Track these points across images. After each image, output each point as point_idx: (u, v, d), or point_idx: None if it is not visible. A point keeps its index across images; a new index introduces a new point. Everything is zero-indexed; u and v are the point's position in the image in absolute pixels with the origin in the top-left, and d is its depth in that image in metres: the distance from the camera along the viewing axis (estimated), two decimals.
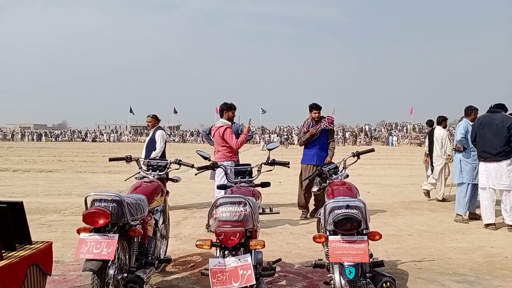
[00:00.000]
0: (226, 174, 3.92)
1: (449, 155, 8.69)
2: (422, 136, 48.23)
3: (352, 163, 4.15)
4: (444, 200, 8.72)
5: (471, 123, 6.77)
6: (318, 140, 7.00)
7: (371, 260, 3.15)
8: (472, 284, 3.87)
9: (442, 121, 9.38)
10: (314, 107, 7.01)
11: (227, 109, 6.42)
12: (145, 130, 66.34)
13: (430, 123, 11.88)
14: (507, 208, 6.07)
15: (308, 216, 6.92)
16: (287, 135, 51.54)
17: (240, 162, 7.46)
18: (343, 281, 2.90)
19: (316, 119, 6.99)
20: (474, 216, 6.83)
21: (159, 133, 7.88)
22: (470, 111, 7.06)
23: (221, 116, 6.49)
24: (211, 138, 8.07)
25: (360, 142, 50.90)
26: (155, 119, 8.06)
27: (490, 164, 6.13)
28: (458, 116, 8.35)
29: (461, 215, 6.75)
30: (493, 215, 6.19)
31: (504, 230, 6.07)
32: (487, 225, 6.20)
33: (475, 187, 6.71)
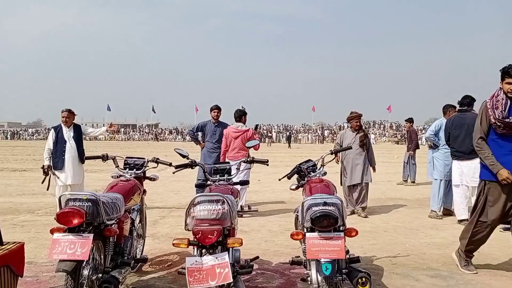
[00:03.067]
0: (204, 172, 3.90)
1: None
2: (399, 133, 49.16)
3: (330, 161, 4.19)
4: None
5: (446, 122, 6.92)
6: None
7: (347, 256, 3.18)
8: (445, 278, 3.96)
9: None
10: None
11: (244, 115, 7.48)
12: (123, 128, 65.54)
13: (409, 120, 12.14)
14: None
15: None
16: (267, 133, 51.66)
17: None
18: (319, 278, 2.92)
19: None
20: (448, 212, 6.99)
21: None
22: (446, 110, 7.21)
23: (239, 121, 7.43)
24: (197, 137, 8.06)
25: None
26: (72, 114, 6.71)
27: (463, 162, 6.29)
28: (436, 115, 8.45)
29: (435, 211, 6.90)
30: (466, 211, 6.34)
31: None
32: (460, 221, 6.36)
33: (448, 183, 6.86)
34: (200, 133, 8.11)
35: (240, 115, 7.45)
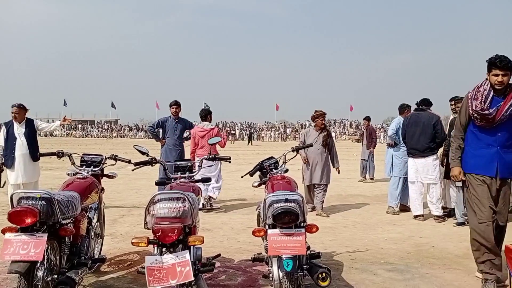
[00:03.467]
0: (165, 170, 3.83)
1: None
2: (359, 132, 50.34)
3: (292, 158, 4.23)
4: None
5: (403, 120, 7.15)
6: None
7: (308, 252, 3.23)
8: (401, 272, 4.09)
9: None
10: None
11: (209, 114, 7.66)
12: (80, 124, 63.49)
13: (367, 118, 12.53)
14: (433, 200, 6.50)
15: None
16: (230, 130, 51.57)
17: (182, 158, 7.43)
18: (281, 274, 2.94)
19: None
20: (405, 208, 7.23)
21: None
22: (403, 109, 7.47)
23: (205, 120, 7.60)
24: (158, 133, 7.92)
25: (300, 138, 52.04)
26: (23, 109, 6.35)
27: (418, 160, 6.52)
28: (394, 114, 8.61)
29: (393, 207, 7.13)
30: (421, 207, 6.60)
31: (431, 221, 6.49)
32: (415, 216, 6.60)
33: (405, 180, 7.10)
34: (160, 130, 7.98)
35: (206, 114, 7.60)
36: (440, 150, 6.78)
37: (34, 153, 6.23)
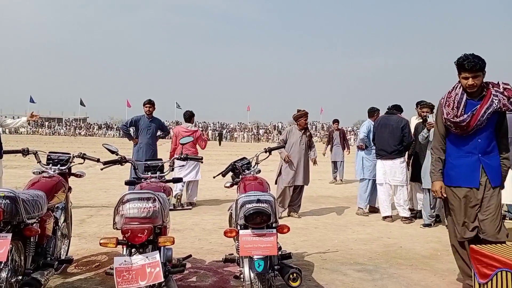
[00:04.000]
0: (135, 169, 3.77)
1: None
2: (325, 133, 51.18)
3: (264, 159, 4.24)
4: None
5: (373, 123, 7.31)
6: None
7: (279, 252, 3.24)
8: (370, 272, 4.17)
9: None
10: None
11: (193, 116, 7.98)
12: (47, 122, 61.69)
13: (336, 121, 12.86)
14: (401, 202, 6.66)
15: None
16: (204, 130, 51.32)
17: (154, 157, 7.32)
18: (252, 274, 2.94)
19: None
20: (373, 209, 7.38)
21: None
22: (372, 112, 7.63)
23: (189, 121, 7.89)
24: (130, 132, 7.75)
25: (273, 139, 52.38)
26: None
27: (386, 162, 6.67)
28: (363, 117, 8.75)
29: (362, 208, 7.25)
30: (390, 208, 6.75)
31: (399, 222, 6.64)
32: (384, 218, 6.74)
33: (375, 182, 7.25)
34: (133, 128, 7.85)
35: (190, 116, 7.93)
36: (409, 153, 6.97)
37: None
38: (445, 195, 3.47)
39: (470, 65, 3.20)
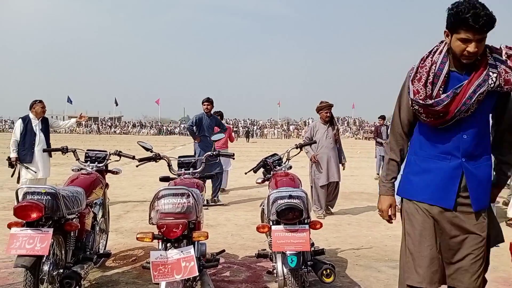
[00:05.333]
0: (169, 166, 3.84)
1: None
2: (362, 130, 50.41)
3: (295, 155, 4.23)
4: None
5: None
6: None
7: (312, 248, 3.24)
8: None
9: None
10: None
11: (222, 115, 9.04)
12: (88, 122, 63.64)
13: (382, 117, 12.30)
14: None
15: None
16: (233, 127, 51.61)
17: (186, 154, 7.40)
18: (285, 270, 2.95)
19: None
20: None
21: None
22: None
23: (221, 119, 8.71)
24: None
25: (304, 135, 52.07)
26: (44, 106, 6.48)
27: None
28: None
29: (397, 205, 7.08)
30: None
31: None
32: None
33: None
34: (195, 127, 7.83)
35: (221, 115, 8.82)
36: None
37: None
38: (394, 218, 2.36)
39: (481, 21, 1.91)
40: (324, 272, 2.91)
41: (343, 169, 6.94)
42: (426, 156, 2.21)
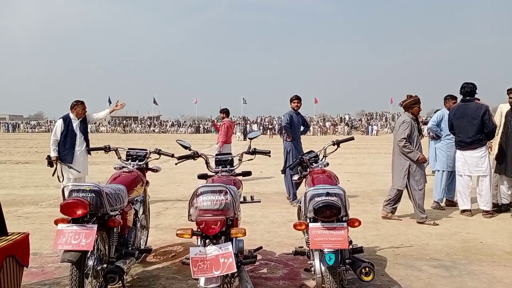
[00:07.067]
0: (207, 163, 3.90)
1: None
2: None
3: (332, 152, 4.18)
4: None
5: (447, 112, 6.91)
6: None
7: (350, 246, 3.20)
8: (448, 269, 3.97)
9: None
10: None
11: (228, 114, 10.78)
12: (124, 121, 65.53)
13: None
14: (482, 193, 6.19)
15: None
16: (268, 125, 51.62)
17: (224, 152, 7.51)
18: (323, 268, 2.93)
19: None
20: (451, 203, 6.99)
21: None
22: (446, 100, 7.21)
23: (228, 116, 10.75)
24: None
25: (339, 131, 51.38)
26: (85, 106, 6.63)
27: (466, 152, 6.26)
28: (438, 106, 8.08)
29: (438, 202, 6.90)
30: (469, 201, 6.33)
31: (479, 216, 6.23)
32: (462, 211, 6.36)
33: (450, 174, 6.86)
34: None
35: (227, 112, 10.58)
36: (496, 141, 6.43)
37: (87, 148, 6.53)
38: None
39: None
40: (363, 270, 2.87)
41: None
42: None
